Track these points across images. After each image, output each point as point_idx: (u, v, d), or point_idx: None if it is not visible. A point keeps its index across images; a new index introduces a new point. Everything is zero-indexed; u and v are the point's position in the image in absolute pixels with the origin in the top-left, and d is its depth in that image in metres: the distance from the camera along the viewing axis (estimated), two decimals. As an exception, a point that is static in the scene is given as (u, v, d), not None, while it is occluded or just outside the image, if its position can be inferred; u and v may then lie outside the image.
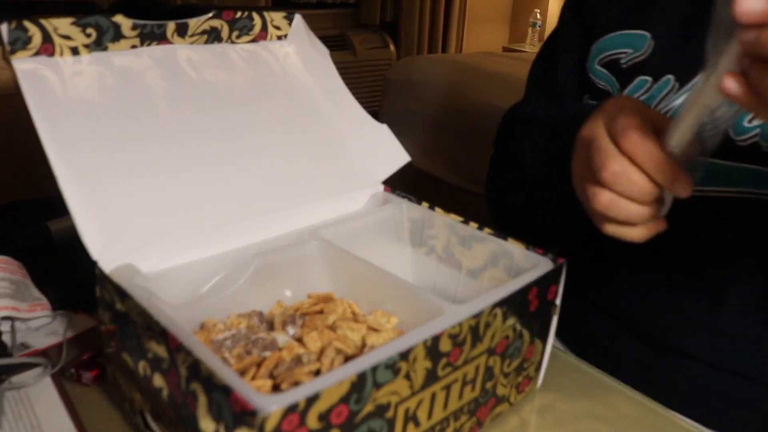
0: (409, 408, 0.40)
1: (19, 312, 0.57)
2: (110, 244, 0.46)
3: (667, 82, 0.59)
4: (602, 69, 0.64)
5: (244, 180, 0.56)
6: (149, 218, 0.49)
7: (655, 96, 0.59)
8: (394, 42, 3.36)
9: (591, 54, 0.65)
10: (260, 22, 0.61)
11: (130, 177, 0.49)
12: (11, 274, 0.61)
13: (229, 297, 0.50)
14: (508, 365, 0.49)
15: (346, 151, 0.64)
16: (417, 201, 0.62)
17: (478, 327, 0.43)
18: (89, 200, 0.46)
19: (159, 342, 0.40)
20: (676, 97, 0.58)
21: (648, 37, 0.60)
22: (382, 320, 0.50)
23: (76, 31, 0.49)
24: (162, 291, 0.45)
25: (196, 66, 0.57)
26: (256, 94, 0.60)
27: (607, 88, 0.64)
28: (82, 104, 0.49)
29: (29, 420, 0.48)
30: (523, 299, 0.47)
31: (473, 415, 0.48)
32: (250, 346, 0.44)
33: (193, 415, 0.37)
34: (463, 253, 0.58)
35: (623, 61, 0.62)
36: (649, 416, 0.54)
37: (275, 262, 0.53)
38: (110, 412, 0.50)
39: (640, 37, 0.61)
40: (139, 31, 0.53)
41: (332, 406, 0.34)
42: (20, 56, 0.47)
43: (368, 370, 0.36)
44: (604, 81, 0.64)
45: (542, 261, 0.51)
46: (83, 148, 0.48)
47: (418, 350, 0.39)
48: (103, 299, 0.46)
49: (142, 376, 0.43)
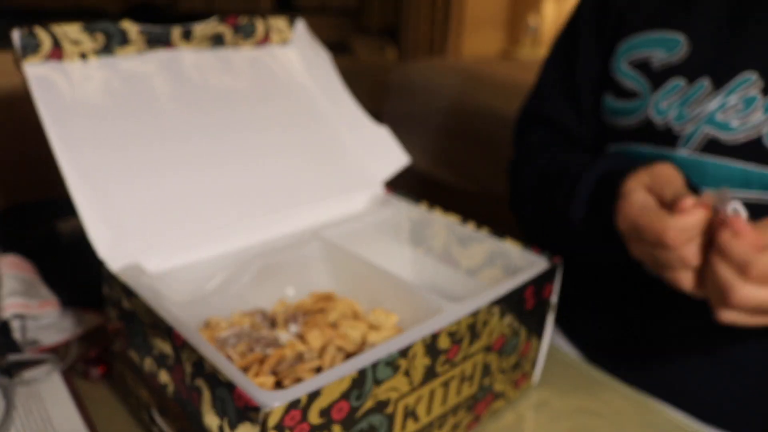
0: (409, 404, 0.41)
1: (29, 309, 0.58)
2: (117, 244, 0.47)
3: (701, 86, 0.58)
4: (631, 70, 0.62)
5: (247, 181, 0.56)
6: (155, 219, 0.50)
7: (689, 99, 0.58)
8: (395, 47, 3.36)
9: (616, 53, 0.63)
10: (263, 27, 0.62)
11: (137, 178, 0.50)
12: (22, 272, 0.62)
13: (232, 295, 0.51)
14: (505, 362, 0.50)
15: (347, 153, 0.65)
16: (416, 201, 0.63)
17: (475, 325, 0.44)
18: (96, 201, 0.47)
19: (164, 339, 0.41)
20: (711, 100, 0.57)
21: (682, 38, 0.59)
22: (382, 318, 0.50)
23: (84, 37, 0.50)
24: (167, 290, 0.46)
25: (201, 70, 0.58)
26: (259, 98, 0.61)
27: (635, 89, 0.62)
28: (90, 107, 0.50)
29: (39, 414, 0.49)
30: (520, 297, 0.48)
31: (471, 411, 0.49)
32: (253, 343, 0.45)
33: (198, 411, 0.38)
34: (461, 253, 0.59)
35: (655, 63, 0.60)
36: (643, 411, 0.55)
37: (277, 262, 0.54)
38: (117, 408, 0.51)
39: (674, 39, 0.60)
40: (146, 37, 0.54)
41: (333, 402, 0.35)
42: (31, 61, 0.48)
43: (368, 367, 0.36)
44: (633, 81, 0.62)
45: (538, 260, 0.52)
46: (91, 150, 0.49)
47: (418, 347, 0.39)
48: (110, 297, 0.47)
49: (148, 373, 0.44)
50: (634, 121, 0.62)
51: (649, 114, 0.60)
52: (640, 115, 0.61)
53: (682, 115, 0.58)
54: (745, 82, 0.56)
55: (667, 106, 0.59)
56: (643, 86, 0.61)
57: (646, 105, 0.61)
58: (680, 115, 0.58)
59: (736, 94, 0.56)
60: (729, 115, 0.56)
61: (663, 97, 0.59)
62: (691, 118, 0.57)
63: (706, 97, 0.57)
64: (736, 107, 0.56)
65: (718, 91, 0.57)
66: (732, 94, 0.56)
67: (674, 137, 0.58)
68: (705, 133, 0.57)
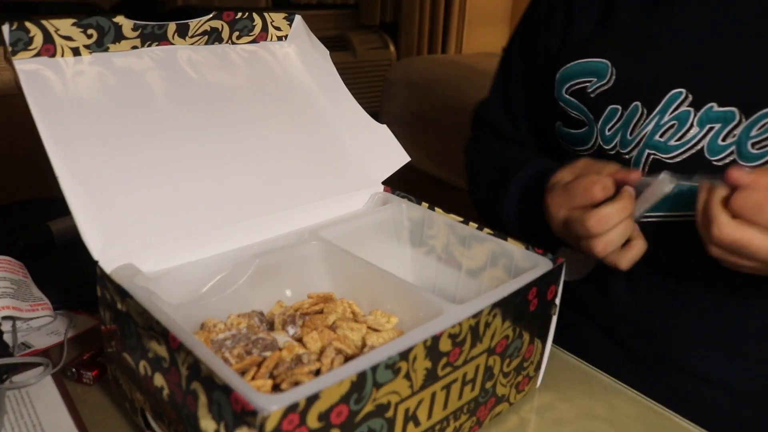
0: (409, 407, 0.40)
1: (20, 312, 0.57)
2: (111, 244, 0.46)
3: (636, 108, 0.58)
4: (571, 98, 0.63)
5: (244, 180, 0.56)
6: (150, 218, 0.49)
7: (629, 123, 0.59)
8: (394, 42, 3.36)
9: (557, 82, 0.64)
10: (260, 22, 0.61)
11: (131, 177, 0.50)
12: (12, 274, 0.62)
13: (229, 297, 0.50)
14: (507, 365, 0.49)
15: (346, 152, 0.64)
16: (417, 201, 0.62)
17: (477, 327, 0.43)
18: (90, 200, 0.46)
19: (159, 342, 0.40)
20: (648, 122, 0.57)
21: (608, 64, 0.60)
22: (382, 320, 0.50)
23: (77, 32, 0.49)
24: (162, 291, 0.45)
25: (197, 67, 0.57)
26: (256, 95, 0.60)
27: (581, 117, 0.63)
28: (83, 105, 0.49)
29: (30, 419, 0.48)
30: (523, 299, 0.47)
31: (473, 415, 0.48)
32: (250, 346, 0.44)
33: (194, 415, 0.37)
34: (462, 253, 0.59)
35: (590, 90, 0.61)
36: (648, 415, 0.54)
37: (275, 262, 0.53)
38: (111, 412, 0.50)
39: (602, 65, 0.60)
40: (140, 32, 0.53)
41: (332, 406, 0.34)
42: (22, 57, 0.47)
43: (368, 370, 0.36)
44: (576, 110, 0.63)
45: (542, 261, 0.51)
46: (84, 148, 0.48)
47: (418, 350, 0.39)
48: (104, 299, 0.47)
49: (142, 376, 0.43)
50: (589, 150, 0.63)
51: (599, 142, 0.62)
52: (592, 143, 0.63)
53: (625, 140, 0.59)
54: (674, 100, 0.56)
55: (612, 132, 0.60)
56: (586, 114, 0.62)
57: (593, 133, 0.62)
58: (624, 141, 0.60)
59: (668, 114, 0.56)
60: (666, 135, 0.57)
61: (605, 124, 0.61)
62: (635, 142, 0.59)
63: (643, 120, 0.58)
64: (671, 126, 0.56)
65: (651, 112, 0.57)
66: (664, 113, 0.57)
67: (626, 162, 0.60)
68: (648, 156, 0.58)
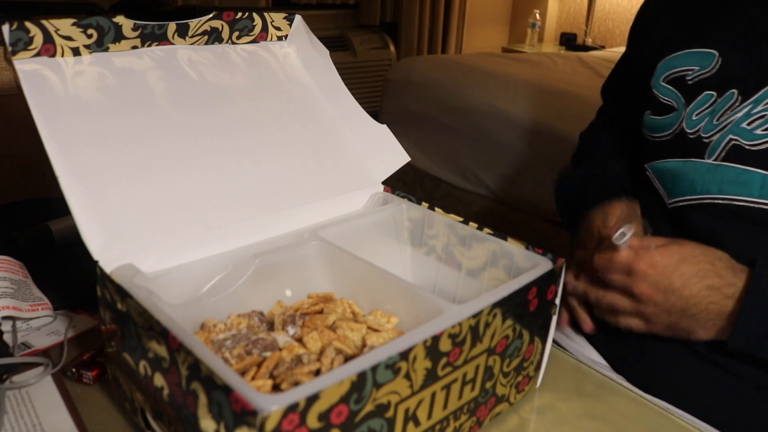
0: (409, 407, 0.40)
1: (20, 312, 0.57)
2: (111, 244, 0.46)
3: (731, 95, 0.61)
4: (667, 85, 0.67)
5: (244, 180, 0.56)
6: (150, 218, 0.49)
7: (719, 109, 0.61)
8: (394, 42, 3.36)
9: (656, 72, 0.68)
10: (260, 22, 0.61)
11: (131, 177, 0.49)
12: (12, 274, 0.61)
13: (229, 297, 0.50)
14: (507, 365, 0.49)
15: (346, 152, 0.64)
16: (417, 201, 0.62)
17: (477, 327, 0.43)
18: (90, 200, 0.46)
19: (159, 342, 0.40)
20: (738, 109, 0.60)
21: (716, 54, 0.63)
22: (382, 320, 0.50)
23: (77, 32, 0.49)
24: (162, 291, 0.45)
25: (197, 66, 0.57)
26: (256, 95, 0.60)
27: (671, 103, 0.66)
28: (83, 104, 0.49)
29: (30, 419, 0.48)
30: (523, 299, 0.47)
31: (473, 415, 0.48)
32: (250, 346, 0.44)
33: (194, 415, 0.37)
34: (462, 253, 0.58)
35: (689, 78, 0.64)
36: (648, 415, 0.54)
37: (275, 262, 0.53)
38: (111, 412, 0.50)
39: (708, 55, 0.63)
40: (140, 32, 0.53)
41: (332, 406, 0.34)
42: (22, 57, 0.47)
43: (368, 370, 0.36)
44: (669, 96, 0.66)
45: (542, 261, 0.51)
46: (84, 148, 0.48)
47: (418, 350, 0.39)
48: (104, 299, 0.47)
49: (142, 376, 0.43)
50: (669, 135, 0.66)
51: (683, 126, 0.64)
52: (675, 128, 0.66)
53: (711, 124, 0.62)
54: None
55: (699, 117, 0.63)
56: (677, 100, 0.66)
57: (680, 118, 0.65)
58: (709, 125, 0.62)
59: (763, 104, 0.59)
60: (754, 123, 0.59)
61: (695, 109, 0.64)
62: (719, 127, 0.61)
63: (735, 107, 0.60)
64: (761, 116, 0.59)
65: (746, 100, 0.60)
66: (759, 103, 0.59)
67: (702, 147, 0.62)
68: (730, 141, 0.60)
